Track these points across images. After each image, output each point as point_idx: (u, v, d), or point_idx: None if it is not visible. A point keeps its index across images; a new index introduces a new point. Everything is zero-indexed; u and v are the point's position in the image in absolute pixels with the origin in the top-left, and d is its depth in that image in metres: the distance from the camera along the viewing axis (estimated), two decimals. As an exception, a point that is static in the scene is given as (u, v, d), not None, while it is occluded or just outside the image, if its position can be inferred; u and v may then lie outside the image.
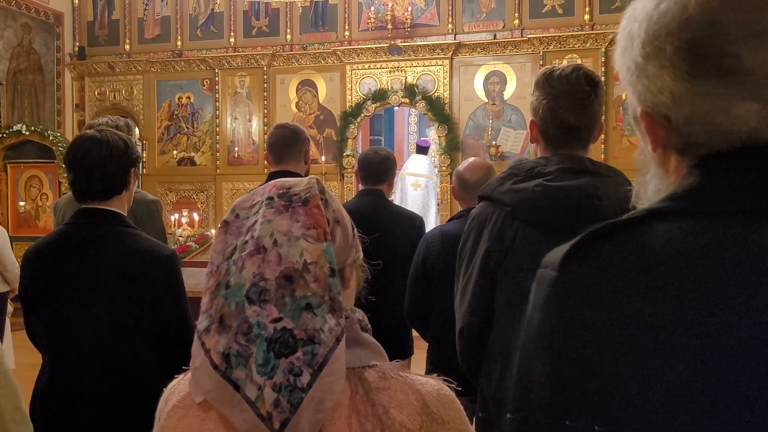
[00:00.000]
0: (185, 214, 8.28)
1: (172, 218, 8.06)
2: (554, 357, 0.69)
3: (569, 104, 1.79)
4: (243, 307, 0.92)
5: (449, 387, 1.02)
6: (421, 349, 3.94)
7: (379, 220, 3.15)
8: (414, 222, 3.61)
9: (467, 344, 1.87)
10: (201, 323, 0.96)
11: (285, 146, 3.02)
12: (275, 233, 0.94)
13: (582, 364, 0.66)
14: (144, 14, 10.68)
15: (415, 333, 3.52)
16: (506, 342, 1.78)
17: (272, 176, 2.98)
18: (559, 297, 0.71)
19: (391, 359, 1.04)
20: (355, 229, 1.08)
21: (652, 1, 0.73)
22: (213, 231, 6.88)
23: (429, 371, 2.94)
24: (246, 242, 0.95)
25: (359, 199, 3.52)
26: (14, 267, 5.18)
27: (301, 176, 2.99)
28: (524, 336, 0.76)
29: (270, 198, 0.99)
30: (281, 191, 0.99)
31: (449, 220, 3.36)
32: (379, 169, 3.48)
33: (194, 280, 4.92)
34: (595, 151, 8.21)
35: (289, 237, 0.94)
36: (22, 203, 9.49)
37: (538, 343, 0.72)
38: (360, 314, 1.05)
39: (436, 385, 1.00)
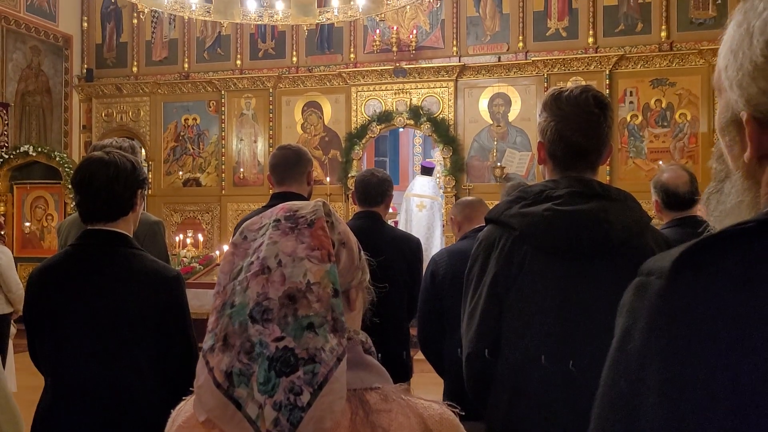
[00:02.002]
0: (190, 235, 8.28)
1: (177, 239, 8.05)
2: (679, 376, 0.62)
3: (578, 126, 1.77)
4: (246, 326, 0.93)
5: (453, 412, 1.02)
6: (421, 373, 3.91)
7: (375, 242, 3.13)
8: (410, 243, 3.59)
9: (475, 370, 1.84)
10: (206, 342, 0.97)
11: (287, 167, 3.00)
12: (280, 254, 0.96)
13: (726, 387, 0.59)
14: (152, 37, 10.79)
15: (418, 357, 3.48)
16: (515, 369, 1.75)
17: (275, 197, 2.96)
18: (675, 308, 0.64)
19: None
20: (362, 252, 1.09)
21: None
22: (217, 252, 6.87)
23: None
24: (252, 263, 0.97)
25: (355, 221, 3.48)
26: (18, 288, 5.16)
27: (305, 197, 3.01)
28: (618, 354, 0.68)
29: (277, 220, 1.00)
30: (288, 214, 1.01)
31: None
32: (375, 191, 3.45)
33: (198, 301, 4.91)
34: (601, 173, 8.15)
35: (294, 258, 0.95)
36: (27, 224, 9.51)
37: (645, 358, 0.65)
38: (363, 336, 1.05)
39: (438, 408, 1.01)
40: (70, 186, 2.23)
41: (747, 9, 0.71)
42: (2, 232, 5.58)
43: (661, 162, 8.57)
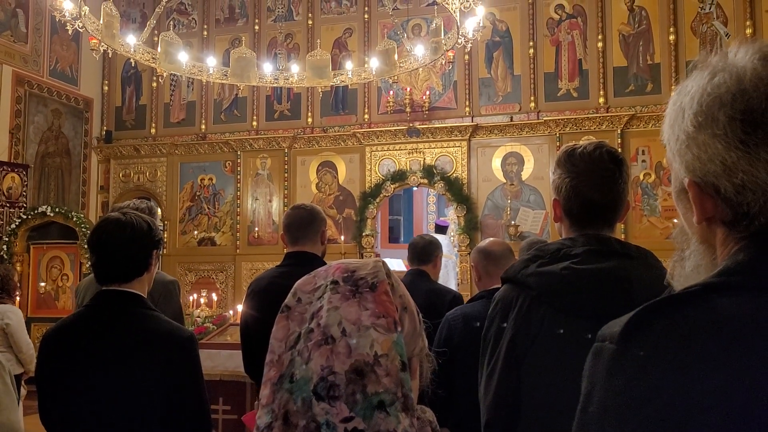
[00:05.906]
0: (204, 294, 8.26)
1: (191, 298, 8.03)
2: None
3: (593, 182, 1.75)
4: (311, 404, 0.85)
5: None
6: None
7: (421, 299, 3.16)
8: (444, 298, 3.72)
9: None
10: (261, 419, 0.89)
11: (301, 227, 3.03)
12: (344, 322, 0.88)
13: None
14: (170, 99, 11.04)
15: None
16: (536, 432, 1.69)
17: (288, 257, 2.99)
18: (626, 370, 0.69)
19: None
20: (420, 315, 1.01)
21: (706, 75, 0.77)
22: (231, 312, 6.83)
23: None
24: (312, 330, 0.89)
25: (405, 277, 3.85)
26: (29, 348, 5.14)
27: (318, 257, 3.00)
28: (582, 416, 0.72)
29: (335, 282, 0.93)
30: (346, 274, 0.94)
31: (468, 302, 3.31)
32: (423, 251, 3.91)
33: (211, 362, 4.85)
34: (616, 232, 8.10)
35: (359, 326, 0.87)
36: (42, 284, 9.53)
37: (603, 420, 0.69)
38: (430, 414, 0.97)
39: None
40: (86, 246, 2.24)
41: (680, 90, 0.81)
42: (17, 293, 5.59)
43: (675, 220, 8.52)
